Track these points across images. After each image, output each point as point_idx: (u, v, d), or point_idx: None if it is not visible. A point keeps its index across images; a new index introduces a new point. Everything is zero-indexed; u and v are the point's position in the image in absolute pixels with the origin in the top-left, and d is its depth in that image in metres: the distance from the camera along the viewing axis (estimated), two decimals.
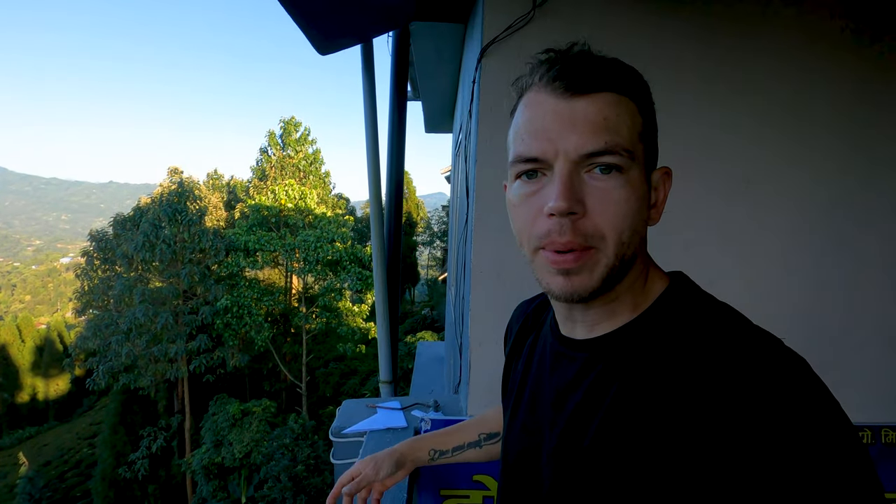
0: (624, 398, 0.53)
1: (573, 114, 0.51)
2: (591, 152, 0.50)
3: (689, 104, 1.74)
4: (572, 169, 0.51)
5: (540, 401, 0.65)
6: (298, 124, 22.21)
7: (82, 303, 17.50)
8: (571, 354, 0.61)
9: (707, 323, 0.52)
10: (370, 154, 2.99)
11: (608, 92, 0.51)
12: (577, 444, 0.56)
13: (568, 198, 0.50)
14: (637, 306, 0.57)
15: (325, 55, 2.92)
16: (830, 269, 1.83)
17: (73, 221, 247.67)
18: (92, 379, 15.71)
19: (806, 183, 1.79)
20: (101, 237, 16.84)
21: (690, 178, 1.77)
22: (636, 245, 0.54)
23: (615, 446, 0.52)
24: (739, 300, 0.62)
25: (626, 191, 0.51)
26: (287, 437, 14.08)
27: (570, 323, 0.61)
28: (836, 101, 1.75)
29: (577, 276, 0.53)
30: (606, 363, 0.56)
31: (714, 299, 0.56)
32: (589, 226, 0.51)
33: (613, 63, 0.54)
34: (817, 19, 1.72)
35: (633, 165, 0.52)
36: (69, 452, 24.64)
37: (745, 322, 0.52)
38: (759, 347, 0.48)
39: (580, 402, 0.57)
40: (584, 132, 0.50)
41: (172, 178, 18.09)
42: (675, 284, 0.59)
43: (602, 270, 0.52)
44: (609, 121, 0.50)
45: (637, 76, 0.55)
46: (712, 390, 0.46)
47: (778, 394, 0.44)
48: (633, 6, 1.66)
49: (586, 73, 0.51)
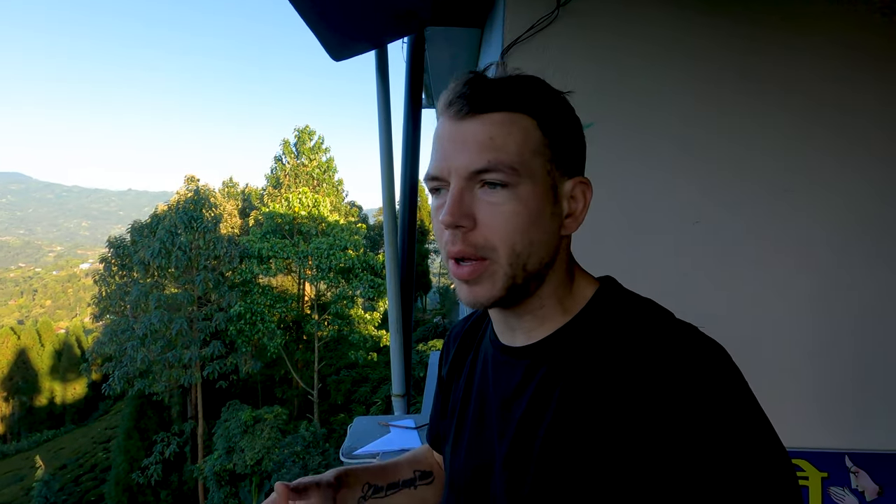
0: (568, 400, 0.55)
1: (463, 135, 0.55)
2: (476, 170, 0.54)
3: (717, 105, 1.65)
4: (463, 186, 0.55)
5: (486, 413, 0.66)
6: (312, 133, 22.45)
7: (100, 308, 17.79)
8: (513, 361, 0.63)
9: (635, 321, 0.56)
10: (384, 161, 2.93)
11: (497, 112, 0.54)
12: (527, 448, 0.57)
13: (454, 212, 0.54)
14: (567, 311, 0.61)
15: (340, 61, 2.88)
16: (877, 281, 1.71)
17: (93, 228, 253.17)
18: (108, 384, 15.92)
19: (852, 189, 1.67)
20: (120, 244, 17.13)
21: (721, 187, 1.67)
22: (543, 255, 0.57)
23: (564, 448, 0.54)
24: (773, 311, 0.54)
25: (514, 205, 0.54)
26: (298, 445, 14.06)
27: (508, 332, 0.64)
28: (885, 100, 1.64)
29: (478, 286, 0.56)
30: (548, 367, 0.59)
31: (640, 298, 0.60)
32: (479, 238, 0.55)
33: (510, 82, 0.56)
34: (863, 13, 1.62)
35: (522, 181, 0.54)
36: (85, 456, 24.93)
37: (670, 318, 0.57)
38: (680, 340, 0.53)
39: (526, 407, 0.59)
40: (471, 152, 0.54)
41: (189, 185, 18.36)
42: (604, 288, 0.62)
43: (502, 281, 0.56)
44: (495, 140, 0.53)
45: (539, 92, 0.57)
46: (645, 385, 0.50)
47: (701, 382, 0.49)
48: (663, 5, 1.58)
49: (475, 96, 0.54)
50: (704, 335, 0.54)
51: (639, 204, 1.62)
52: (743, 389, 0.51)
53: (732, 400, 0.50)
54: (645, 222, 1.64)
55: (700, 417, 0.48)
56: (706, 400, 0.48)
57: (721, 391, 0.49)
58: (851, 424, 1.66)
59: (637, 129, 1.64)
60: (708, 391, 0.49)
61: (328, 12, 2.21)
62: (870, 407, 1.69)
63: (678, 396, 0.49)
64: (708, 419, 0.48)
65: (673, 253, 1.66)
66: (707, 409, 0.48)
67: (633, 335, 0.55)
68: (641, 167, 1.63)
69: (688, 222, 1.66)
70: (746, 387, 0.51)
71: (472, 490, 0.65)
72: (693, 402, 0.48)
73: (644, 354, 0.52)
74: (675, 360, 0.51)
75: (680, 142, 1.66)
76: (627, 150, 1.64)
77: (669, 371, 0.50)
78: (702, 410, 0.48)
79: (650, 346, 0.53)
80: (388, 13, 2.51)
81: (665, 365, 0.51)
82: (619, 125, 1.63)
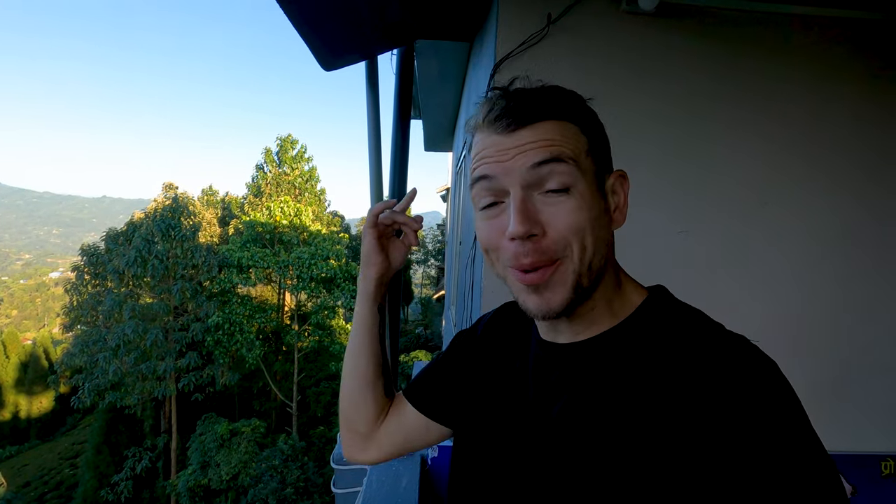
0: (610, 400, 0.55)
1: (518, 143, 0.55)
2: (539, 161, 0.54)
3: (702, 124, 1.73)
4: (525, 195, 0.55)
5: (523, 407, 0.65)
6: (295, 142, 22.29)
7: (70, 318, 17.19)
8: (554, 361, 0.62)
9: (685, 327, 0.56)
10: (373, 172, 2.96)
11: (547, 121, 0.56)
12: (565, 446, 0.57)
13: (523, 220, 0.54)
14: (615, 314, 0.60)
15: (330, 71, 2.91)
16: (846, 291, 1.80)
17: (65, 236, 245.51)
18: (77, 397, 15.32)
19: (821, 206, 1.76)
20: (93, 252, 16.63)
21: (703, 198, 1.74)
22: (603, 253, 0.57)
23: (603, 448, 0.53)
24: (753, 318, 0.57)
25: (578, 202, 0.55)
26: (276, 459, 13.74)
27: (552, 332, 0.63)
28: (854, 127, 1.74)
29: (549, 292, 0.56)
30: (588, 370, 0.58)
31: (691, 307, 0.59)
32: (550, 243, 0.55)
33: (552, 92, 0.58)
34: (835, 48, 1.72)
35: (580, 179, 0.55)
36: (50, 473, 23.88)
37: (721, 328, 0.56)
38: (731, 349, 0.52)
39: (565, 404, 0.59)
40: (530, 151, 0.55)
41: (167, 193, 18.02)
42: (654, 295, 0.62)
43: (572, 280, 0.55)
44: (553, 141, 0.55)
45: (576, 100, 0.60)
46: (692, 391, 0.50)
47: (751, 393, 0.48)
48: (649, 24, 1.65)
49: (524, 108, 0.56)
50: (755, 346, 0.53)
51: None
52: (792, 402, 0.49)
53: (780, 410, 0.48)
54: (630, 233, 1.69)
55: (748, 426, 0.46)
56: (754, 408, 0.47)
57: (769, 400, 0.48)
58: (824, 426, 1.73)
59: (623, 146, 1.70)
60: (756, 400, 0.48)
61: (320, 23, 2.24)
62: (841, 409, 1.76)
63: (726, 404, 0.48)
64: (755, 428, 0.46)
65: (657, 261, 1.72)
66: (754, 417, 0.47)
67: (682, 340, 0.54)
68: None
69: (672, 233, 1.73)
70: (796, 400, 0.50)
71: (502, 485, 0.64)
72: (741, 410, 0.47)
73: (693, 360, 0.52)
74: (724, 368, 0.50)
75: (665, 158, 1.73)
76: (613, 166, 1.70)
77: (718, 378, 0.49)
78: (749, 419, 0.47)
79: (699, 352, 0.52)
80: (378, 25, 2.55)
81: (714, 372, 0.50)
82: None
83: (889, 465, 1.64)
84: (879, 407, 1.79)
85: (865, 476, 1.69)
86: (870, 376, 1.80)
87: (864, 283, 1.78)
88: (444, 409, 0.79)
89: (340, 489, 1.63)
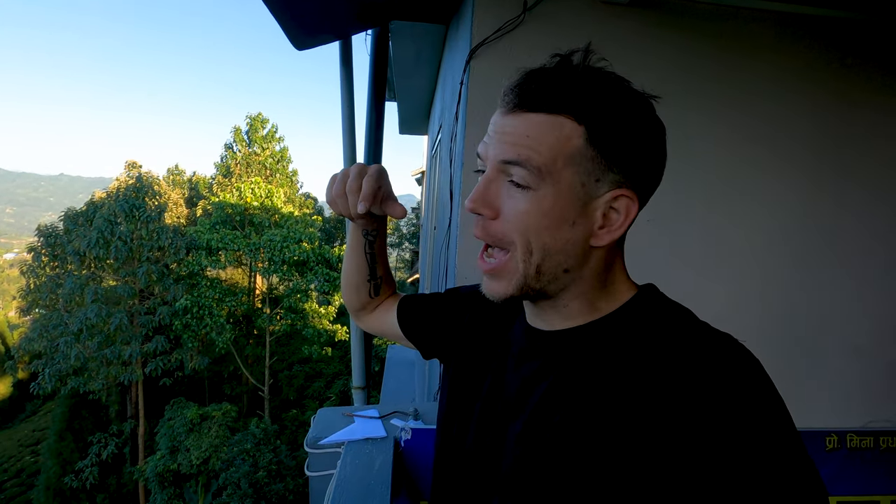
0: (587, 390, 0.55)
1: (504, 127, 0.56)
2: (505, 160, 0.55)
3: (674, 113, 1.77)
4: (493, 176, 0.57)
5: (503, 389, 0.66)
6: (266, 121, 21.65)
7: (27, 301, 16.49)
8: (536, 348, 0.63)
9: (667, 321, 0.56)
10: (347, 154, 2.91)
11: (541, 113, 0.54)
12: (541, 432, 0.57)
13: (475, 199, 0.56)
14: (599, 309, 0.60)
15: (302, 51, 2.83)
16: (801, 277, 1.89)
17: (20, 215, 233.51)
18: (37, 382, 14.78)
19: (781, 195, 1.84)
20: (51, 232, 15.90)
21: (672, 185, 1.80)
22: (561, 261, 0.56)
23: (575, 441, 0.53)
24: (717, 305, 0.61)
25: (530, 206, 0.54)
26: (248, 443, 13.64)
27: (536, 317, 0.65)
28: (815, 121, 1.82)
29: (495, 282, 0.60)
30: (570, 358, 0.59)
31: (678, 304, 0.59)
32: (498, 229, 0.57)
33: (569, 83, 0.54)
34: (805, 43, 1.78)
35: (544, 186, 0.53)
36: (9, 461, 23.09)
37: (705, 325, 0.56)
38: (718, 347, 0.52)
39: (545, 391, 0.59)
40: (506, 143, 0.55)
41: (130, 172, 17.27)
42: (642, 293, 0.61)
43: (517, 280, 0.57)
44: (530, 138, 0.54)
45: (602, 97, 0.54)
46: (670, 384, 0.49)
47: (731, 391, 0.48)
48: (623, 14, 1.67)
49: (526, 92, 0.55)
50: (741, 345, 0.52)
51: None
52: (774, 401, 0.48)
53: (760, 409, 0.47)
54: None
55: (726, 424, 0.46)
56: (733, 406, 0.47)
57: (749, 398, 0.47)
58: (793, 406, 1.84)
59: None
60: (736, 397, 0.47)
61: (293, 1, 2.17)
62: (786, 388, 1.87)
63: (705, 401, 0.47)
64: (734, 426, 0.46)
65: None
66: (734, 415, 0.46)
67: (664, 335, 0.54)
68: None
69: (640, 221, 1.78)
70: (778, 399, 0.49)
71: (481, 463, 0.65)
72: (720, 408, 0.47)
73: (674, 355, 0.51)
74: (705, 365, 0.49)
75: None
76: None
77: (698, 374, 0.49)
78: (728, 417, 0.46)
79: (681, 348, 0.52)
80: (352, 4, 2.49)
81: (695, 368, 0.49)
82: None
83: (832, 439, 1.76)
84: (828, 384, 1.91)
85: (810, 451, 1.81)
86: (821, 354, 1.91)
87: (819, 263, 1.88)
88: (421, 339, 0.89)
89: (315, 472, 1.64)
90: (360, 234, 0.86)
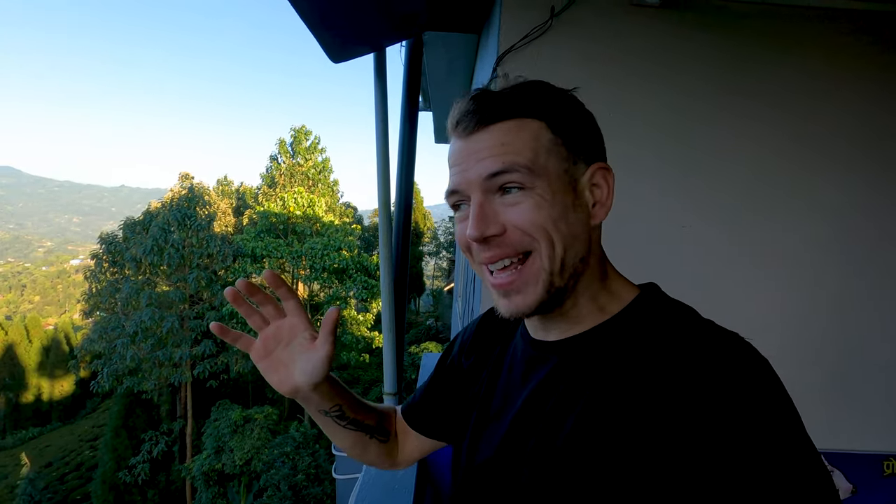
0: (599, 396, 0.54)
1: (476, 146, 0.57)
2: (492, 172, 0.55)
3: (709, 115, 1.71)
4: (483, 198, 0.57)
5: (512, 406, 0.65)
6: (308, 133, 22.42)
7: (90, 305, 17.60)
8: (545, 356, 0.63)
9: (675, 323, 0.55)
10: (381, 163, 2.96)
11: (506, 121, 0.56)
12: (554, 442, 0.57)
13: (479, 225, 0.56)
14: (603, 310, 0.60)
15: (338, 63, 2.92)
16: (848, 287, 1.77)
17: (85, 224, 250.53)
18: (96, 381, 15.75)
19: (830, 195, 1.74)
20: (111, 240, 16.98)
21: (708, 189, 1.73)
22: (579, 248, 0.58)
23: (589, 445, 0.53)
24: (753, 315, 0.57)
25: (537, 201, 0.55)
26: (288, 446, 13.98)
27: (542, 330, 0.64)
28: (862, 116, 1.71)
29: (519, 296, 0.57)
30: (580, 363, 0.58)
31: (683, 304, 0.59)
32: (515, 237, 0.56)
33: (514, 91, 0.58)
34: (845, 39, 1.69)
35: (538, 180, 0.55)
36: (71, 454, 24.62)
37: (712, 324, 0.55)
38: (721, 345, 0.51)
39: (556, 401, 0.58)
40: (486, 159, 0.56)
41: (183, 183, 18.27)
42: (646, 292, 0.61)
43: (544, 279, 0.56)
44: (506, 145, 0.55)
45: (544, 94, 0.59)
46: (681, 386, 0.49)
47: (739, 390, 0.47)
48: (653, 16, 1.63)
49: (482, 110, 0.57)
50: (747, 343, 0.52)
51: (622, 210, 1.68)
52: (782, 400, 0.48)
53: (768, 408, 0.47)
54: (631, 228, 1.69)
55: (735, 423, 0.46)
56: (742, 406, 0.47)
57: (757, 397, 0.47)
58: (824, 425, 1.71)
59: (624, 138, 1.69)
60: (744, 397, 0.47)
61: (329, 15, 2.25)
62: (842, 408, 1.74)
63: (715, 400, 0.47)
64: (743, 425, 0.46)
65: (656, 256, 1.71)
66: (743, 415, 0.46)
67: (673, 336, 0.54)
68: (628, 175, 1.69)
69: (676, 226, 1.72)
70: (786, 398, 0.49)
71: (498, 482, 0.64)
72: (729, 408, 0.46)
73: (683, 355, 0.51)
74: (713, 365, 0.49)
75: (671, 149, 1.72)
76: (613, 158, 1.69)
77: (707, 375, 0.49)
78: (737, 416, 0.46)
79: (690, 348, 0.51)
80: (387, 17, 2.55)
81: (704, 368, 0.49)
82: (605, 133, 1.69)
83: (891, 464, 1.63)
84: (883, 406, 1.77)
85: (867, 475, 1.68)
86: (874, 374, 1.78)
87: (865, 279, 1.76)
88: (445, 428, 0.83)
89: (341, 475, 1.66)
90: (321, 414, 0.77)
